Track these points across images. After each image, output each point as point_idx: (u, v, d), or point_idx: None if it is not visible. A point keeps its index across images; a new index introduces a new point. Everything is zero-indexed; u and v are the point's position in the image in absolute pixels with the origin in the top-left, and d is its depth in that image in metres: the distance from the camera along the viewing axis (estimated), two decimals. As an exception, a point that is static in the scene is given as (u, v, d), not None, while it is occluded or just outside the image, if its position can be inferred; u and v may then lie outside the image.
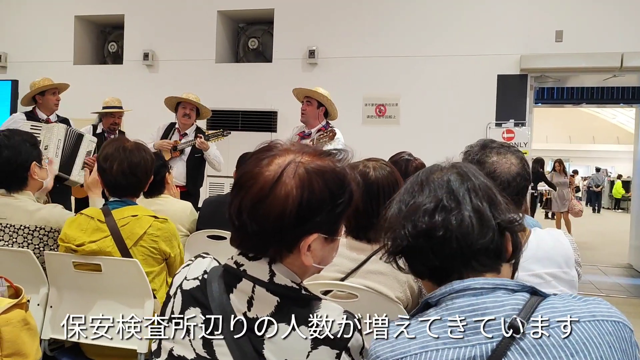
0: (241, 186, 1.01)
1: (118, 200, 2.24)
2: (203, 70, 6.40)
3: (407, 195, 1.02)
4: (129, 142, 2.30)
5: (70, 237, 2.13)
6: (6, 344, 1.49)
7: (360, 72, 5.97)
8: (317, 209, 0.99)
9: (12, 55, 7.09)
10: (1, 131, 2.34)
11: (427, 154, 3.50)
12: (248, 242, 1.03)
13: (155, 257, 2.19)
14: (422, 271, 1.01)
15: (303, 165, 1.00)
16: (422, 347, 0.92)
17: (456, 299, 0.95)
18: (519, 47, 5.60)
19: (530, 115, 5.77)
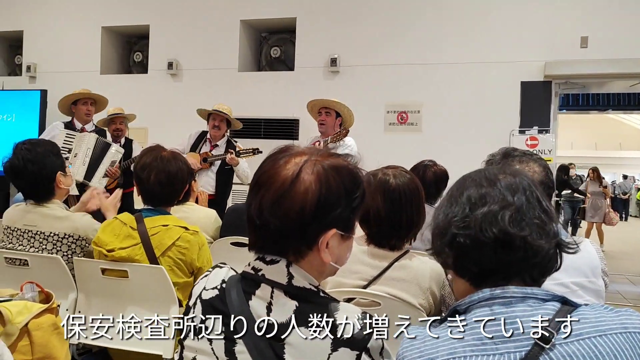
0: (260, 186, 1.04)
1: (151, 209, 2.26)
2: (226, 79, 6.47)
3: (474, 191, 1.02)
4: (166, 151, 2.30)
5: (103, 242, 2.16)
6: (37, 347, 1.53)
7: (382, 80, 5.98)
8: (335, 204, 1.02)
9: (41, 65, 7.26)
10: (22, 144, 2.34)
11: (449, 161, 3.49)
12: (269, 242, 1.05)
13: (182, 269, 2.21)
14: (470, 270, 1.00)
15: (319, 163, 1.04)
16: (450, 353, 0.93)
17: (486, 307, 0.95)
18: (543, 54, 5.54)
19: (554, 122, 5.70)
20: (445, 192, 1.12)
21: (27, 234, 2.32)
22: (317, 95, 4.88)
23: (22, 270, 2.26)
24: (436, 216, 1.06)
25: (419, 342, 0.98)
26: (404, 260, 1.84)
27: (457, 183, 1.08)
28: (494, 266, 0.97)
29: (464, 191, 1.03)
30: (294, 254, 1.05)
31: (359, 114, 4.88)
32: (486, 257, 0.97)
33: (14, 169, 2.25)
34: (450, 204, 1.03)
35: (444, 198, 1.07)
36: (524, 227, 0.96)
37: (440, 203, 1.07)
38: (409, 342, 0.99)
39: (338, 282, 1.85)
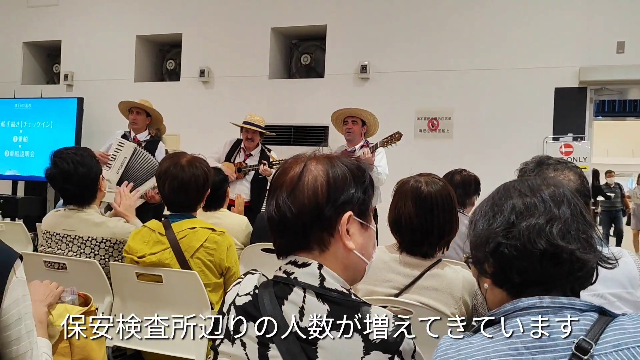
0: (275, 188, 1.11)
1: (177, 214, 2.31)
2: (256, 86, 6.54)
3: (519, 201, 1.01)
4: (185, 157, 2.32)
5: (133, 249, 2.21)
6: (76, 349, 1.57)
7: (412, 86, 5.95)
8: (344, 185, 1.08)
9: (78, 74, 7.46)
10: (69, 149, 2.44)
11: (481, 169, 3.46)
12: (292, 237, 1.08)
13: (211, 270, 2.24)
14: (511, 281, 0.99)
15: (322, 158, 1.12)
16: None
17: (521, 317, 0.94)
18: (577, 59, 5.44)
19: (589, 128, 5.58)
20: (478, 200, 1.11)
21: (66, 239, 2.38)
22: (347, 102, 4.90)
23: (61, 273, 2.32)
24: (475, 224, 1.05)
25: (453, 351, 0.97)
26: (436, 269, 1.83)
27: (498, 192, 1.06)
28: (538, 278, 0.96)
29: (507, 200, 1.02)
30: (318, 245, 1.08)
31: (389, 120, 4.87)
32: (531, 268, 0.96)
33: (65, 173, 2.32)
34: (494, 212, 1.02)
35: (484, 206, 1.06)
36: (572, 241, 0.96)
37: (479, 211, 1.06)
38: (443, 350, 0.99)
39: (369, 290, 1.85)
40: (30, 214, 6.41)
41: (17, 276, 1.22)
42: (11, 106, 7.31)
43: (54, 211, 2.53)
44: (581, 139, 5.44)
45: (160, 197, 2.35)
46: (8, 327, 1.21)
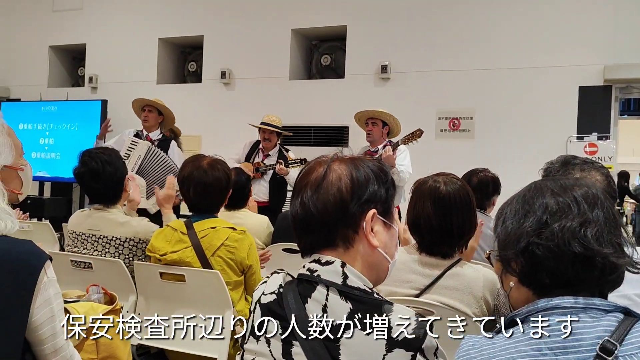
0: (299, 188, 1.14)
1: (199, 215, 2.34)
2: (277, 87, 6.57)
3: (552, 201, 1.00)
4: (205, 159, 2.35)
5: (156, 248, 2.25)
6: (102, 347, 1.60)
7: (433, 86, 5.91)
8: (367, 182, 1.11)
9: (102, 76, 7.58)
10: (98, 149, 2.50)
11: (503, 169, 3.43)
12: (316, 235, 1.10)
13: (232, 268, 2.27)
14: (540, 281, 0.98)
15: (346, 158, 1.15)
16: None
17: (545, 317, 0.94)
18: (602, 57, 5.35)
19: (615, 127, 5.49)
20: (500, 199, 1.10)
21: (91, 239, 2.43)
22: (368, 102, 4.89)
23: (87, 272, 2.36)
24: (504, 222, 1.04)
25: (475, 351, 0.97)
26: (456, 268, 1.82)
27: (529, 190, 1.05)
28: (567, 279, 0.95)
29: (539, 199, 1.01)
30: (342, 242, 1.09)
31: (410, 120, 4.85)
32: (562, 270, 0.95)
33: (93, 172, 2.37)
34: (525, 211, 1.01)
35: (513, 204, 1.05)
36: (605, 245, 0.95)
37: (508, 209, 1.05)
38: (465, 350, 0.99)
39: (390, 291, 1.85)
40: (57, 215, 6.54)
41: (47, 276, 1.26)
42: (38, 109, 7.46)
43: (79, 211, 2.59)
44: (606, 138, 5.35)
45: (184, 200, 2.38)
46: (42, 326, 1.24)
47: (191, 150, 6.68)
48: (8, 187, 1.35)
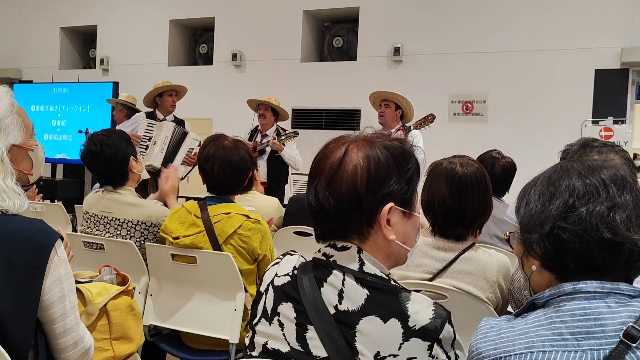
0: (315, 174, 1.08)
1: (215, 197, 2.31)
2: (288, 70, 6.53)
3: (579, 183, 0.96)
4: (228, 139, 2.33)
5: (169, 229, 2.24)
6: (115, 327, 1.61)
7: (446, 69, 5.85)
8: (386, 176, 1.03)
9: (113, 58, 7.58)
10: (100, 132, 2.50)
11: (516, 153, 3.38)
12: (330, 226, 1.06)
13: (244, 256, 2.24)
14: (565, 266, 0.96)
15: (365, 142, 1.07)
16: (527, 347, 0.90)
17: (567, 302, 0.92)
18: (619, 40, 5.24)
19: (631, 112, 5.40)
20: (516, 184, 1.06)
21: (103, 220, 2.44)
22: (380, 86, 4.85)
23: (99, 254, 2.37)
24: (527, 204, 1.01)
25: (494, 334, 0.95)
26: (470, 252, 1.80)
27: (555, 171, 1.01)
28: (593, 264, 0.93)
29: (565, 180, 0.97)
30: (357, 235, 1.05)
31: (422, 103, 4.80)
32: (588, 255, 0.92)
33: (92, 153, 2.38)
34: (551, 193, 0.97)
35: (537, 185, 1.01)
36: (635, 230, 0.92)
37: (532, 190, 1.01)
38: (484, 333, 0.97)
39: (403, 275, 1.84)
40: (69, 196, 6.59)
41: (58, 255, 1.26)
42: (50, 91, 7.48)
43: (93, 192, 2.60)
44: (622, 123, 5.27)
45: (203, 180, 2.35)
46: (52, 305, 1.25)
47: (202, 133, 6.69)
48: (18, 167, 1.35)
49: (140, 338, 1.72)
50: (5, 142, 1.29)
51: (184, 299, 2.30)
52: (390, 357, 0.97)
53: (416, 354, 0.97)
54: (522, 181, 1.09)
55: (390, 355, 0.97)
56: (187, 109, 6.56)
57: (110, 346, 1.60)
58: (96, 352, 1.47)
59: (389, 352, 0.97)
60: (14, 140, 1.32)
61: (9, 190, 1.26)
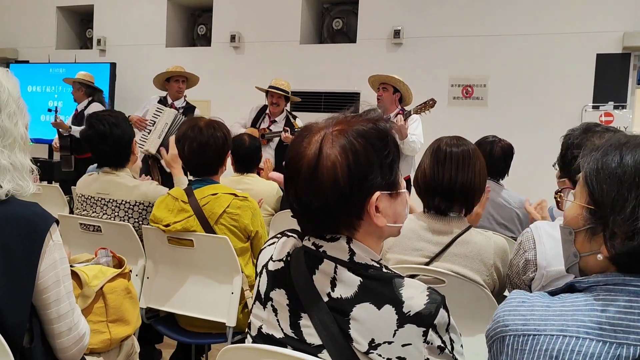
0: (291, 173, 1.04)
1: (200, 180, 2.31)
2: (287, 52, 6.47)
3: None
4: (203, 120, 2.33)
5: (158, 218, 2.23)
6: (111, 310, 1.61)
7: (446, 52, 5.80)
8: (368, 168, 1.00)
9: (110, 39, 7.50)
10: (105, 112, 2.52)
11: (516, 137, 3.37)
12: (318, 223, 1.04)
13: (237, 235, 2.25)
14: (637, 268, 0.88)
15: (338, 132, 1.01)
16: (560, 330, 0.86)
17: (613, 292, 0.87)
18: (622, 24, 5.19)
19: (632, 97, 5.36)
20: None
21: (100, 202, 2.43)
22: (379, 68, 4.81)
23: (96, 236, 2.37)
24: (618, 210, 0.89)
25: (525, 308, 0.91)
26: (466, 235, 1.81)
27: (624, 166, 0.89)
28: None
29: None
30: (347, 228, 1.03)
31: (422, 87, 4.77)
32: None
33: (101, 134, 2.39)
34: (626, 201, 0.86)
35: (622, 187, 0.89)
36: None
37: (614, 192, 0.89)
38: (514, 306, 0.93)
39: (399, 259, 1.84)
40: (66, 178, 6.56)
41: (53, 240, 1.25)
42: (46, 71, 7.41)
43: (87, 175, 2.58)
44: (622, 108, 5.24)
45: (183, 164, 2.37)
46: (47, 289, 1.24)
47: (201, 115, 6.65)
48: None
49: (137, 321, 1.72)
50: (24, 121, 1.29)
51: (180, 282, 2.30)
52: (385, 344, 0.96)
53: (411, 340, 0.96)
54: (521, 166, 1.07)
55: (385, 342, 0.96)
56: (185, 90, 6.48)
57: (107, 329, 1.60)
58: (93, 335, 1.46)
59: (384, 339, 0.96)
60: (29, 119, 1.32)
61: (27, 170, 1.27)
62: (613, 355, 0.82)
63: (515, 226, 2.78)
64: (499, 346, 0.92)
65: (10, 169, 1.23)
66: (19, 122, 1.28)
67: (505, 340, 0.90)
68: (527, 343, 0.88)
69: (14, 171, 1.24)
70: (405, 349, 0.96)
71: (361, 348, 0.97)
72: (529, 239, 1.75)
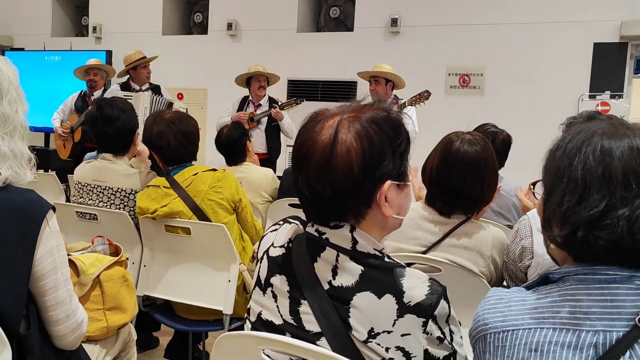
0: (302, 159, 1.02)
1: (177, 167, 2.35)
2: (284, 40, 6.44)
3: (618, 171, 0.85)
4: (169, 113, 2.41)
5: (144, 209, 2.25)
6: (108, 297, 1.61)
7: (444, 41, 5.78)
8: (381, 155, 0.99)
9: (106, 26, 7.44)
10: (117, 99, 2.54)
11: (513, 126, 3.36)
12: (325, 211, 1.03)
13: (224, 207, 2.30)
14: (591, 258, 0.88)
15: (354, 119, 1.00)
16: (537, 322, 0.86)
17: (584, 282, 0.87)
18: (619, 13, 5.18)
19: (629, 86, 5.37)
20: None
21: (97, 189, 2.42)
22: (377, 57, 4.80)
23: (92, 224, 2.36)
24: (551, 199, 0.90)
25: (502, 305, 0.92)
26: (464, 227, 1.80)
27: (582, 153, 0.87)
28: (624, 261, 0.86)
29: (610, 170, 0.85)
30: (354, 216, 1.02)
31: (419, 76, 4.76)
32: (621, 257, 0.85)
33: (109, 118, 2.39)
34: (585, 193, 0.85)
35: (557, 175, 0.89)
36: None
37: (551, 181, 0.90)
38: (492, 304, 0.93)
39: (396, 247, 1.84)
40: (63, 166, 6.54)
41: (50, 227, 1.24)
42: (42, 58, 7.35)
43: (84, 163, 2.57)
44: (619, 97, 5.24)
45: (159, 158, 2.43)
46: (44, 276, 1.24)
47: (197, 104, 6.62)
48: None
49: (133, 308, 1.72)
50: (23, 109, 1.30)
51: (177, 270, 2.31)
52: (384, 333, 0.96)
53: (410, 330, 0.96)
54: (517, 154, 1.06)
55: (385, 332, 0.96)
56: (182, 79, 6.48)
57: (104, 316, 1.60)
58: (90, 323, 1.46)
59: (383, 328, 0.96)
60: (27, 108, 1.32)
61: (26, 158, 1.27)
62: (590, 343, 0.83)
63: (511, 214, 2.79)
64: (482, 345, 0.93)
65: (10, 156, 1.23)
66: (19, 109, 1.27)
67: (487, 339, 0.91)
68: (507, 339, 0.89)
69: (13, 158, 1.24)
70: (405, 338, 0.96)
71: (360, 337, 0.97)
72: (526, 226, 1.75)
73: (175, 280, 2.30)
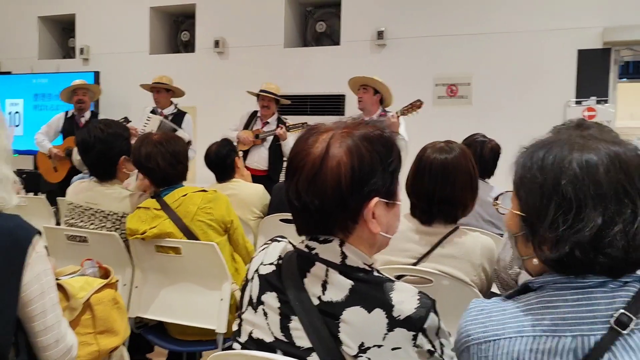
0: (294, 169, 1.04)
1: (166, 188, 2.33)
2: (272, 56, 6.47)
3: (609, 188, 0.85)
4: (156, 135, 2.39)
5: (134, 230, 2.25)
6: (99, 321, 1.59)
7: (430, 52, 5.83)
8: (370, 172, 1.00)
9: (93, 47, 7.44)
10: (100, 122, 2.47)
11: (501, 134, 3.39)
12: (313, 223, 1.04)
13: (214, 228, 2.29)
14: (570, 270, 0.89)
15: (347, 134, 1.02)
16: (518, 332, 0.88)
17: (562, 289, 0.89)
18: (602, 19, 5.25)
19: (613, 91, 5.43)
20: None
21: (88, 212, 2.41)
22: (364, 70, 4.82)
23: (82, 246, 2.35)
24: (540, 220, 0.90)
25: (483, 316, 0.93)
26: (453, 236, 1.81)
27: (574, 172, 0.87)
28: (602, 273, 0.87)
29: (601, 187, 0.85)
30: (341, 231, 1.03)
31: (407, 87, 4.79)
32: (600, 269, 0.87)
33: (84, 144, 2.36)
34: (580, 212, 0.85)
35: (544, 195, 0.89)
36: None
37: (536, 201, 0.91)
38: (474, 315, 0.95)
39: (387, 260, 1.84)
40: (52, 189, 6.50)
41: (36, 251, 1.24)
42: (29, 82, 7.34)
43: (78, 182, 2.57)
44: (605, 102, 5.29)
45: (148, 179, 2.38)
46: (32, 302, 1.23)
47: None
48: None
49: (125, 331, 1.70)
50: (5, 133, 1.29)
51: (169, 290, 2.29)
52: (375, 348, 0.96)
53: (401, 344, 0.96)
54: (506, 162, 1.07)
55: (375, 346, 0.96)
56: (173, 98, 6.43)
57: (95, 340, 1.58)
58: (81, 347, 1.45)
59: (373, 343, 0.96)
60: (11, 132, 1.31)
61: (11, 182, 1.26)
62: (570, 348, 0.84)
63: (501, 222, 2.80)
64: (466, 356, 0.94)
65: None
66: (1, 134, 1.27)
67: (470, 350, 0.92)
68: (489, 349, 0.90)
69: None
70: (395, 352, 0.96)
71: (351, 351, 0.97)
72: None
73: (167, 301, 2.29)
